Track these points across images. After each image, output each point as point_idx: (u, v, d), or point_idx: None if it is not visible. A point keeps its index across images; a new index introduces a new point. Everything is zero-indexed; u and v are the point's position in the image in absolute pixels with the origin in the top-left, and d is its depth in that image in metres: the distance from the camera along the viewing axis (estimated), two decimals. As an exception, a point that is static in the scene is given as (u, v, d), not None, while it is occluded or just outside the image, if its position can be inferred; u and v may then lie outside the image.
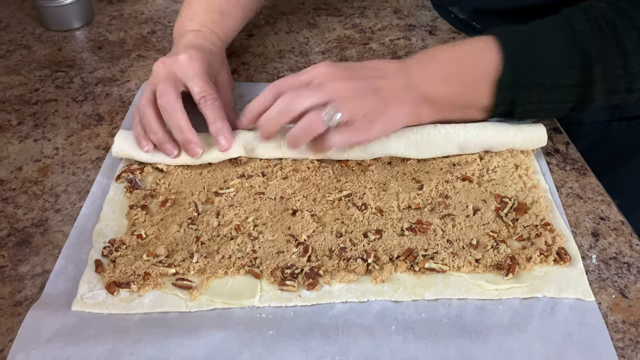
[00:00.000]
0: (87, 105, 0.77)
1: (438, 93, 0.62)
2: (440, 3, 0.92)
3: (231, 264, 0.55)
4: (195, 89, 0.64)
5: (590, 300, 0.52)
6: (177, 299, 0.53)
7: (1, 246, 0.58)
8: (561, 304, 0.51)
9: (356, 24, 0.94)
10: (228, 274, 0.55)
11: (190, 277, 0.55)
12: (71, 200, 0.63)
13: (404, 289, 0.53)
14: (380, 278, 0.54)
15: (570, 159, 0.67)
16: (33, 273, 0.56)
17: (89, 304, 0.52)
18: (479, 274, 0.54)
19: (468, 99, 0.62)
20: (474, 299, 0.52)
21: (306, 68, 0.62)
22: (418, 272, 0.54)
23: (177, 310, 0.52)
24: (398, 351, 0.48)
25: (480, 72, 0.61)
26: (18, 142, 0.72)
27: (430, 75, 0.62)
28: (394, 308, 0.52)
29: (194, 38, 0.70)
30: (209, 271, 0.55)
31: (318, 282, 0.53)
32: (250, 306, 0.52)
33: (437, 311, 0.51)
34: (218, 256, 0.56)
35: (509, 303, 0.52)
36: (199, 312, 0.52)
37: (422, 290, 0.53)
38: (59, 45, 0.90)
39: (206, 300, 0.53)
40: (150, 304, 0.53)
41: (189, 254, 0.56)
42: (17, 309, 0.53)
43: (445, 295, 0.52)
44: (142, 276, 0.54)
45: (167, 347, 0.49)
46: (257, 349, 0.48)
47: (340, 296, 0.53)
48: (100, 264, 0.55)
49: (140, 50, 0.89)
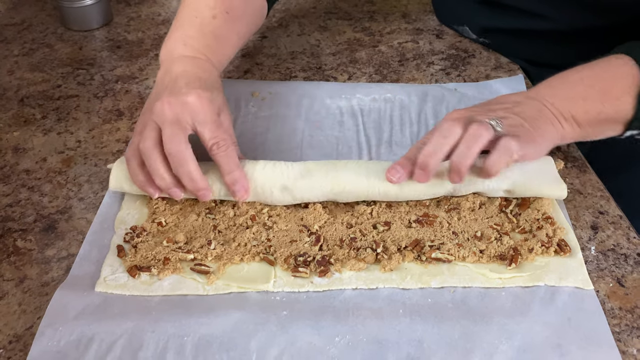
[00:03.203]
0: (108, 101, 0.81)
1: (578, 111, 0.61)
2: (447, 23, 0.96)
3: (247, 251, 0.58)
4: (206, 135, 0.59)
5: (589, 289, 0.54)
6: (195, 282, 0.56)
7: (28, 231, 0.61)
8: (561, 292, 0.54)
9: (365, 27, 0.98)
10: (244, 260, 0.58)
11: (208, 262, 0.57)
12: (94, 189, 0.66)
13: (412, 277, 0.56)
14: (389, 267, 0.56)
15: (571, 157, 0.70)
16: (59, 256, 0.59)
17: (111, 285, 0.55)
18: (483, 264, 0.57)
19: (610, 114, 0.62)
20: (478, 287, 0.55)
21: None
22: (425, 261, 0.57)
23: (195, 294, 0.55)
24: (405, 332, 0.51)
25: (622, 86, 0.61)
26: (42, 135, 0.75)
27: (565, 95, 0.62)
28: (401, 294, 0.54)
29: (191, 68, 0.65)
30: (226, 257, 0.58)
31: (329, 270, 0.56)
32: (265, 291, 0.55)
33: (442, 297, 0.54)
34: (234, 244, 0.59)
35: (511, 290, 0.55)
36: (216, 295, 0.55)
37: (429, 279, 0.56)
38: (79, 44, 0.94)
39: (222, 284, 0.56)
40: (169, 287, 0.55)
41: (207, 241, 0.59)
42: (45, 289, 0.56)
43: (451, 283, 0.55)
44: (162, 261, 0.57)
45: (187, 324, 0.52)
46: (272, 327, 0.51)
47: (350, 283, 0.55)
48: (122, 249, 0.58)
49: (157, 49, 0.91)
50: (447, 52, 0.90)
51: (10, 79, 0.86)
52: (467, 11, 0.90)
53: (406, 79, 0.84)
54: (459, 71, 0.85)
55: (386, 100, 0.79)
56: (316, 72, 0.86)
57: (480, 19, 0.88)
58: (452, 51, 0.90)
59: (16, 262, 0.58)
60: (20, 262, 0.58)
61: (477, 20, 0.89)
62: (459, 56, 0.89)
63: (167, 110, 0.59)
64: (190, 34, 0.69)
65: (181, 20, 0.71)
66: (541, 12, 0.78)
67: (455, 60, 0.88)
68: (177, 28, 0.70)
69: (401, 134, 0.73)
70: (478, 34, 0.90)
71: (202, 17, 0.70)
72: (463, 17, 0.92)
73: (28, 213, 0.64)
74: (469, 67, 0.86)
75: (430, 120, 0.75)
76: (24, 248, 0.60)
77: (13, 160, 0.71)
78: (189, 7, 0.71)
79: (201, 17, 0.70)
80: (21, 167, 0.70)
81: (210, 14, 0.70)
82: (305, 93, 0.80)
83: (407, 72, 0.86)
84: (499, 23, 0.85)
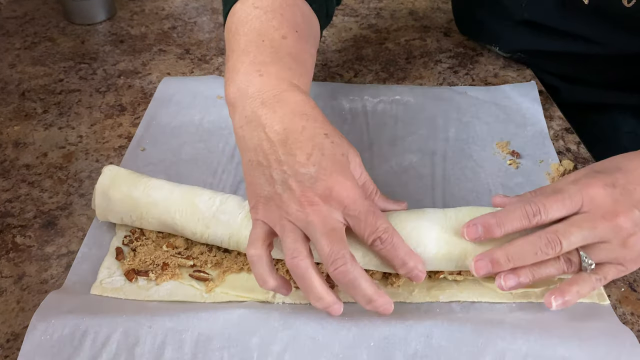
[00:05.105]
0: (110, 96, 0.79)
1: None
2: (472, 37, 0.91)
3: (247, 261, 0.56)
4: (365, 231, 0.47)
5: (605, 304, 0.52)
6: (193, 290, 0.54)
7: (28, 227, 0.60)
8: (577, 305, 0.51)
9: (372, 24, 0.96)
10: (244, 270, 0.56)
11: (208, 269, 0.56)
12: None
13: (419, 290, 0.54)
14: (397, 284, 0.54)
15: (582, 158, 0.69)
16: (59, 253, 0.58)
17: (107, 288, 0.54)
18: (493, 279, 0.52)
19: None
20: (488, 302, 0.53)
21: None
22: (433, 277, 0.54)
23: (193, 301, 0.53)
24: (414, 326, 0.48)
25: None
26: (43, 129, 0.74)
27: None
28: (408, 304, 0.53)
29: (292, 118, 0.49)
30: (226, 265, 0.56)
31: (335, 285, 0.53)
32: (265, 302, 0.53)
33: (451, 308, 0.52)
34: (234, 252, 0.57)
35: (522, 304, 0.52)
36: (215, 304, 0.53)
37: (437, 293, 0.53)
38: (82, 38, 0.93)
39: (221, 292, 0.54)
40: (166, 293, 0.54)
41: (207, 248, 0.57)
42: (43, 286, 0.55)
43: (460, 298, 0.53)
44: (161, 266, 0.55)
45: (186, 319, 0.49)
46: (274, 323, 0.49)
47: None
48: (121, 251, 0.57)
49: (161, 44, 0.91)
50: (455, 50, 0.89)
51: (12, 72, 0.84)
52: (502, 31, 0.83)
53: (413, 77, 0.83)
54: (467, 69, 0.84)
55: (394, 102, 0.77)
56: (322, 69, 0.85)
57: (518, 41, 0.82)
58: (460, 49, 0.89)
59: (15, 259, 0.57)
60: (19, 258, 0.57)
61: (513, 41, 0.82)
62: (467, 54, 0.88)
63: (311, 215, 0.46)
64: (262, 59, 0.53)
65: (243, 48, 0.55)
66: (592, 37, 0.73)
67: (463, 58, 0.87)
68: (240, 58, 0.54)
69: (409, 137, 0.71)
70: (511, 52, 0.84)
71: (270, 39, 0.55)
72: (494, 36, 0.85)
73: (28, 209, 0.62)
74: (477, 66, 0.85)
75: (439, 122, 0.73)
76: (23, 244, 0.59)
77: (13, 155, 0.70)
78: (249, 32, 0.56)
79: (269, 39, 0.55)
80: (21, 162, 0.69)
81: (279, 35, 0.55)
82: (311, 93, 0.78)
83: (415, 70, 0.84)
84: (540, 45, 0.79)
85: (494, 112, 0.75)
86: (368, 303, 0.48)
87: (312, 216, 0.46)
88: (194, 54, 0.89)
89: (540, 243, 0.48)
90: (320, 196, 0.46)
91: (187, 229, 0.55)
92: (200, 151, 0.69)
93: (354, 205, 0.47)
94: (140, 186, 0.57)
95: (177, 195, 0.56)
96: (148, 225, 0.57)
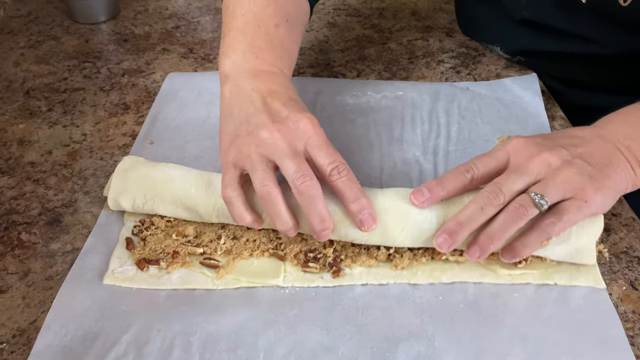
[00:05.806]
0: (114, 95, 0.80)
1: None
2: (474, 38, 0.91)
3: (256, 247, 0.57)
4: (323, 160, 0.52)
5: (602, 289, 0.53)
6: (204, 277, 0.55)
7: (33, 224, 0.61)
8: (574, 294, 0.53)
9: (375, 24, 0.97)
10: (253, 256, 0.57)
11: (217, 257, 0.57)
12: (100, 183, 0.66)
13: (422, 272, 0.55)
14: (401, 265, 0.55)
15: (584, 158, 0.69)
16: (64, 250, 0.58)
17: (119, 278, 0.55)
18: (494, 260, 0.55)
19: None
20: (490, 286, 0.54)
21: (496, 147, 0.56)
22: (435, 258, 0.56)
23: (204, 288, 0.54)
24: (416, 332, 0.50)
25: None
26: (48, 127, 0.74)
27: (636, 134, 0.56)
28: (411, 291, 0.54)
29: (277, 87, 0.57)
30: (235, 252, 0.57)
31: (341, 269, 0.55)
32: (274, 286, 0.54)
33: (453, 296, 0.53)
34: (243, 239, 0.58)
35: (523, 291, 0.54)
36: (225, 290, 0.54)
37: (440, 274, 0.55)
38: (86, 37, 0.93)
39: (232, 278, 0.55)
40: (178, 281, 0.55)
41: (217, 236, 0.58)
42: (49, 283, 0.55)
43: (461, 279, 0.54)
44: (171, 254, 0.56)
45: (194, 322, 0.51)
46: (280, 326, 0.50)
47: (360, 279, 0.55)
48: (131, 241, 0.58)
49: (165, 44, 0.91)
50: (458, 50, 0.89)
51: (16, 71, 0.85)
52: (502, 31, 0.83)
53: (416, 77, 0.83)
54: (469, 70, 0.85)
55: (397, 98, 0.78)
56: (324, 69, 0.85)
57: (518, 40, 0.82)
58: (463, 49, 0.89)
59: (20, 256, 0.58)
60: (25, 255, 0.58)
61: (513, 41, 0.83)
62: (469, 54, 0.88)
63: (279, 140, 0.52)
64: (259, 44, 0.60)
65: (241, 29, 0.62)
66: (591, 36, 0.74)
67: (466, 58, 0.87)
68: (237, 38, 0.61)
69: (412, 132, 0.72)
70: (511, 54, 0.85)
71: (265, 26, 0.62)
72: (496, 36, 0.85)
73: (33, 206, 0.63)
74: (479, 66, 0.85)
75: (441, 118, 0.74)
76: (29, 241, 0.59)
77: (18, 153, 0.70)
78: (246, 15, 0.62)
79: (264, 26, 0.62)
80: (26, 159, 0.69)
81: (273, 23, 0.62)
82: (315, 89, 0.79)
83: (417, 70, 0.85)
84: (540, 45, 0.80)
85: (495, 107, 0.76)
86: (321, 222, 0.52)
87: (280, 141, 0.52)
88: (198, 53, 0.89)
89: (483, 197, 0.52)
90: (287, 126, 0.53)
91: (200, 203, 0.57)
92: (205, 149, 0.69)
93: (317, 137, 0.53)
94: (159, 167, 0.60)
95: (194, 172, 0.59)
96: (160, 205, 0.58)
